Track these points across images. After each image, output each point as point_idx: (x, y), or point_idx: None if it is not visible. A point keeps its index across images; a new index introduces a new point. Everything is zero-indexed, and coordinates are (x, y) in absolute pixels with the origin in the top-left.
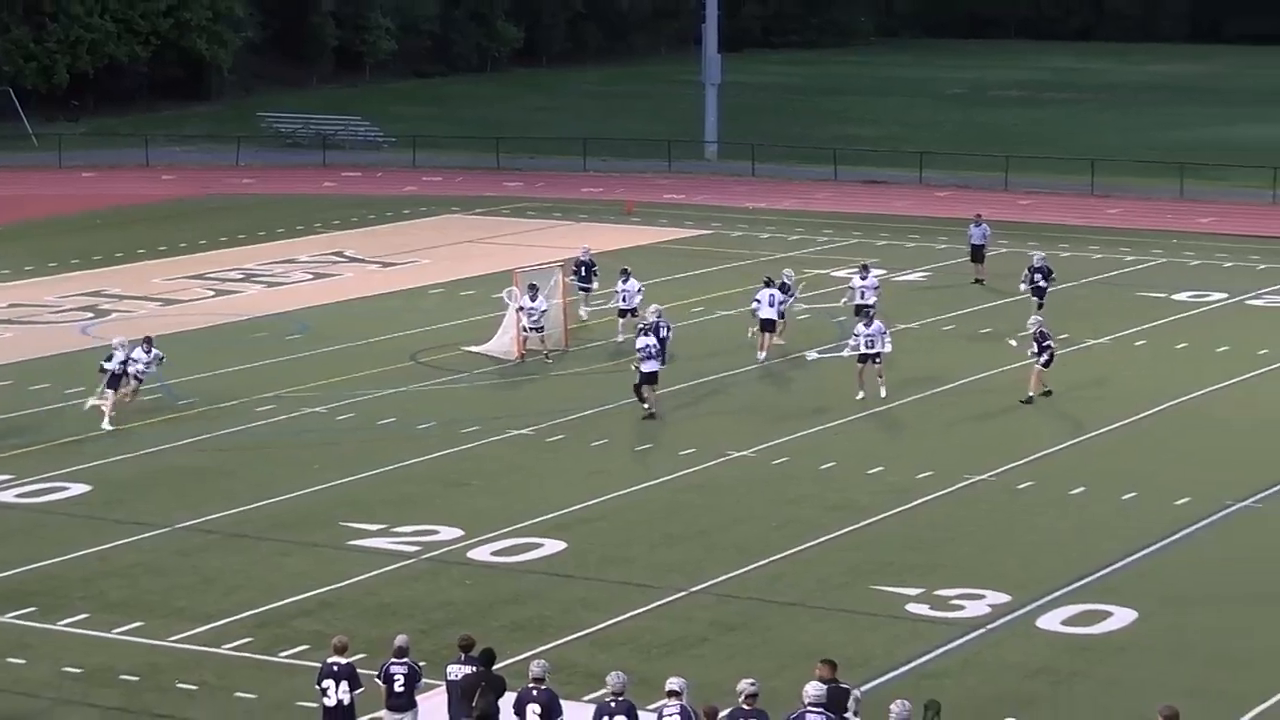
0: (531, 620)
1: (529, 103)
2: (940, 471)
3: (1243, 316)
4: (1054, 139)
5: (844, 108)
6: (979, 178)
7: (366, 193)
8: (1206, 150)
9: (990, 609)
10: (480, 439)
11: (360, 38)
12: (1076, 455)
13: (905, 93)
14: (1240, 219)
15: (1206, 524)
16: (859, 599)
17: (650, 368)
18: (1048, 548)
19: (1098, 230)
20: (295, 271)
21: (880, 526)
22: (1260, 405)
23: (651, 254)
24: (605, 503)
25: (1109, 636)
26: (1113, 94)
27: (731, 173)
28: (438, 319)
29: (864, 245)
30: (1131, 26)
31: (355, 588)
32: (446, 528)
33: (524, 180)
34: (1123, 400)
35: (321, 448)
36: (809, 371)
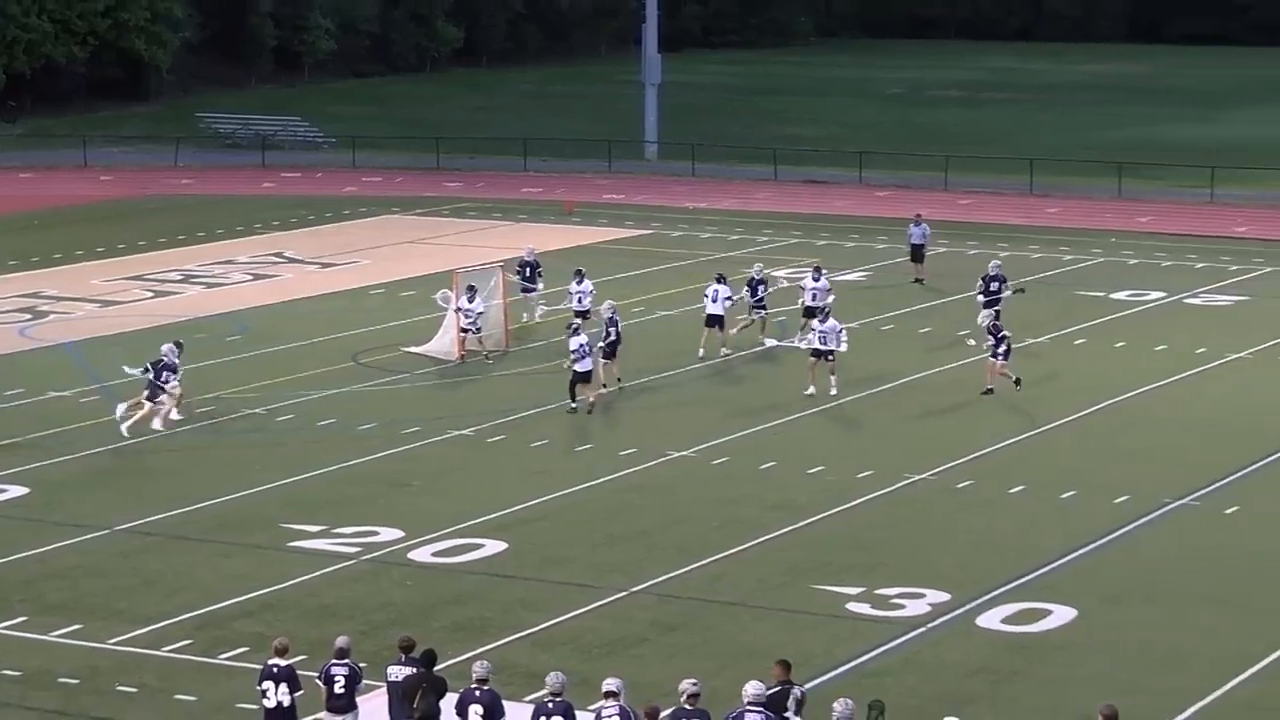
0: (472, 621)
1: (469, 103)
2: (880, 471)
3: (1181, 315)
4: (993, 139)
5: (784, 108)
6: (919, 177)
7: (306, 193)
8: (1145, 150)
9: (930, 608)
10: (421, 439)
11: (299, 38)
12: (1016, 454)
13: (845, 93)
14: (1178, 218)
15: (1145, 522)
16: (799, 598)
17: (584, 367)
18: (987, 546)
19: (1037, 230)
20: (235, 272)
21: (820, 526)
22: (1198, 404)
23: (592, 254)
24: (546, 503)
25: (1048, 635)
26: (1052, 94)
27: (671, 173)
28: (378, 320)
29: (804, 245)
30: (1070, 27)
31: (296, 589)
32: (387, 528)
33: (464, 180)
34: (1062, 399)
35: (262, 449)
36: (749, 371)
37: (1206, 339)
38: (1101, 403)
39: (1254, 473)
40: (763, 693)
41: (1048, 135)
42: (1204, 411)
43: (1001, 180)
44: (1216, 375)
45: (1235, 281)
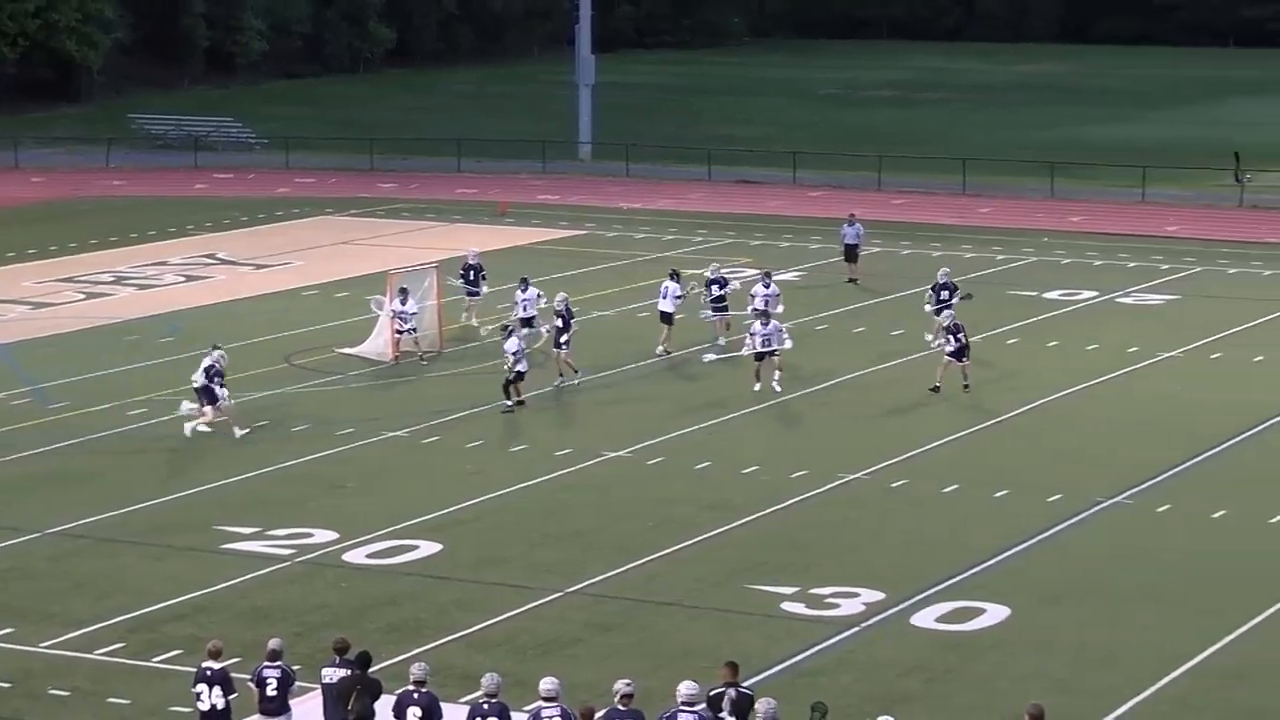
0: (407, 622)
1: (402, 103)
2: (815, 470)
3: (1113, 315)
4: (926, 139)
5: (717, 108)
6: (852, 178)
7: (239, 194)
8: (1076, 150)
9: (865, 607)
10: (355, 441)
11: (231, 39)
12: (949, 453)
13: (778, 93)
14: (1110, 218)
15: (1078, 521)
16: (734, 598)
17: (522, 368)
18: (921, 546)
19: (970, 229)
20: (167, 274)
21: (755, 526)
22: (1130, 402)
23: (526, 255)
24: (481, 504)
25: (982, 633)
26: (984, 94)
27: (606, 173)
28: (312, 321)
29: (738, 245)
30: (1002, 27)
31: (229, 591)
32: (321, 530)
33: (398, 181)
34: (995, 398)
35: (194, 451)
36: (685, 371)
37: (1138, 338)
38: (1034, 402)
39: (1185, 471)
40: (696, 693)
41: (980, 135)
42: (1136, 410)
43: (934, 180)
44: (1148, 374)
45: (1167, 281)
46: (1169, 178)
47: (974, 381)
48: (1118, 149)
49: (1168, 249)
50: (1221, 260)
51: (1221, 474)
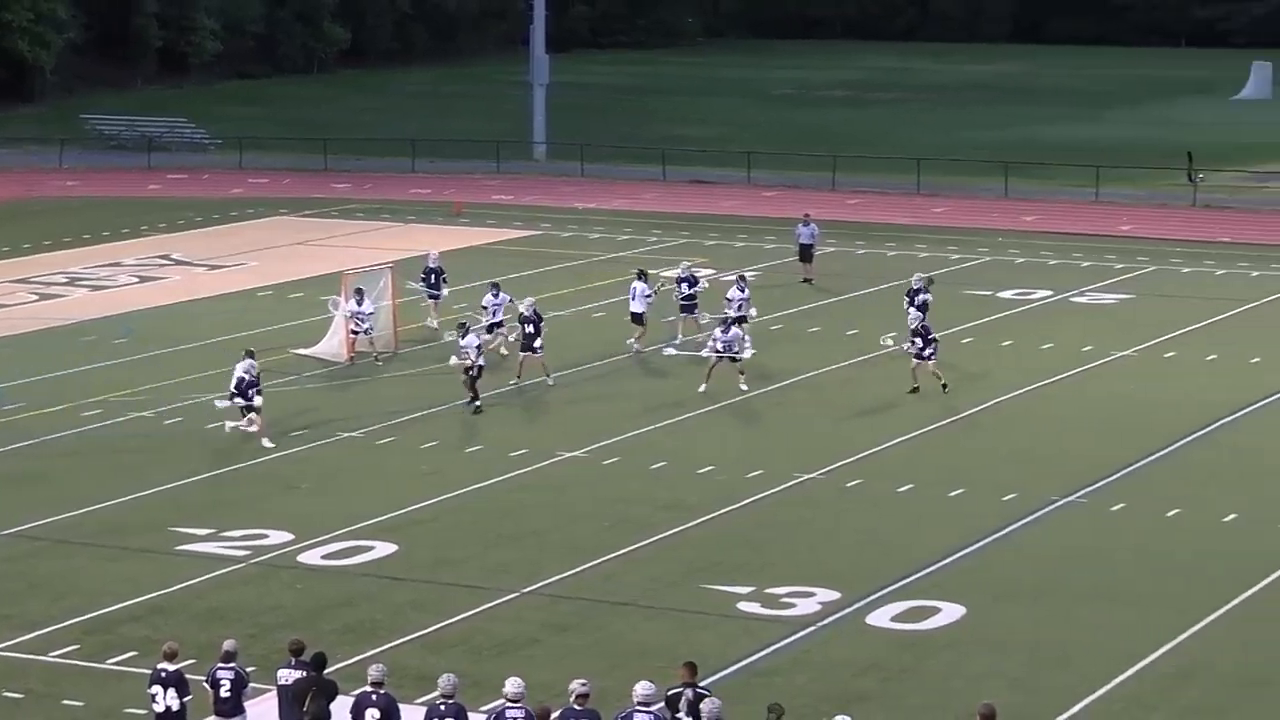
0: (362, 623)
1: (356, 104)
2: (770, 470)
3: (1067, 314)
4: (880, 139)
5: (671, 108)
6: (806, 177)
7: (193, 195)
8: (1030, 149)
9: (820, 606)
10: (310, 442)
11: (184, 38)
12: (904, 453)
13: (732, 93)
14: (1064, 217)
15: (1032, 520)
16: (690, 598)
17: (481, 363)
18: (877, 545)
19: (924, 229)
20: (121, 275)
21: (711, 526)
22: (1084, 402)
23: (481, 255)
24: (436, 504)
25: (937, 632)
26: (938, 94)
27: (560, 173)
28: (266, 321)
29: (693, 245)
30: (956, 27)
31: (185, 593)
32: (276, 531)
33: (352, 181)
34: (950, 397)
35: (149, 452)
36: (641, 372)
37: (1092, 337)
38: (989, 401)
39: (1139, 470)
40: (653, 693)
41: (935, 135)
42: (1090, 409)
43: (889, 180)
44: (1102, 374)
45: (1120, 280)
46: (1123, 177)
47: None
48: (1072, 149)
49: (1121, 248)
50: (1175, 260)
51: (1175, 473)
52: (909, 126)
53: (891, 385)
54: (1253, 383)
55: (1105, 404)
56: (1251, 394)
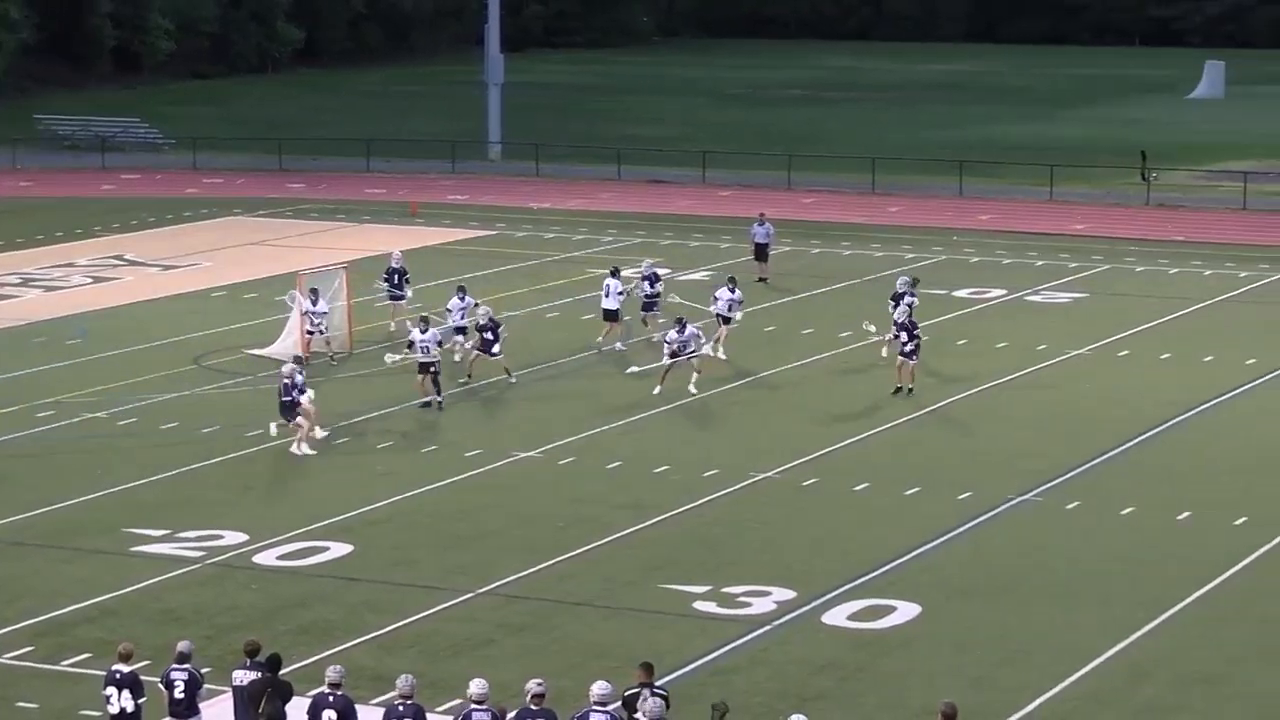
0: (317, 624)
1: (311, 103)
2: (726, 469)
3: (1022, 313)
4: (835, 138)
5: (627, 107)
6: (762, 177)
7: (147, 195)
8: (985, 149)
9: (776, 605)
10: (265, 442)
11: (138, 38)
12: (860, 452)
13: (687, 92)
14: (1019, 216)
15: (988, 518)
16: (646, 598)
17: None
18: (832, 544)
19: (880, 228)
20: (75, 275)
21: (667, 525)
22: (1039, 401)
23: (437, 255)
24: (391, 505)
25: (894, 631)
26: (893, 93)
27: (516, 173)
28: (221, 322)
29: (648, 245)
30: (910, 26)
31: (139, 594)
32: (231, 532)
33: (307, 181)
34: (905, 397)
35: (103, 453)
36: (597, 372)
37: (1047, 336)
38: (944, 400)
39: (1094, 468)
40: (609, 693)
41: (890, 134)
42: (1045, 408)
43: (844, 179)
44: (1057, 372)
45: (1075, 279)
46: (1077, 176)
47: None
48: (1026, 148)
49: (1076, 247)
50: (1129, 258)
51: (1129, 472)
52: (864, 126)
53: (847, 384)
54: (1206, 381)
55: (1060, 403)
56: (1205, 392)
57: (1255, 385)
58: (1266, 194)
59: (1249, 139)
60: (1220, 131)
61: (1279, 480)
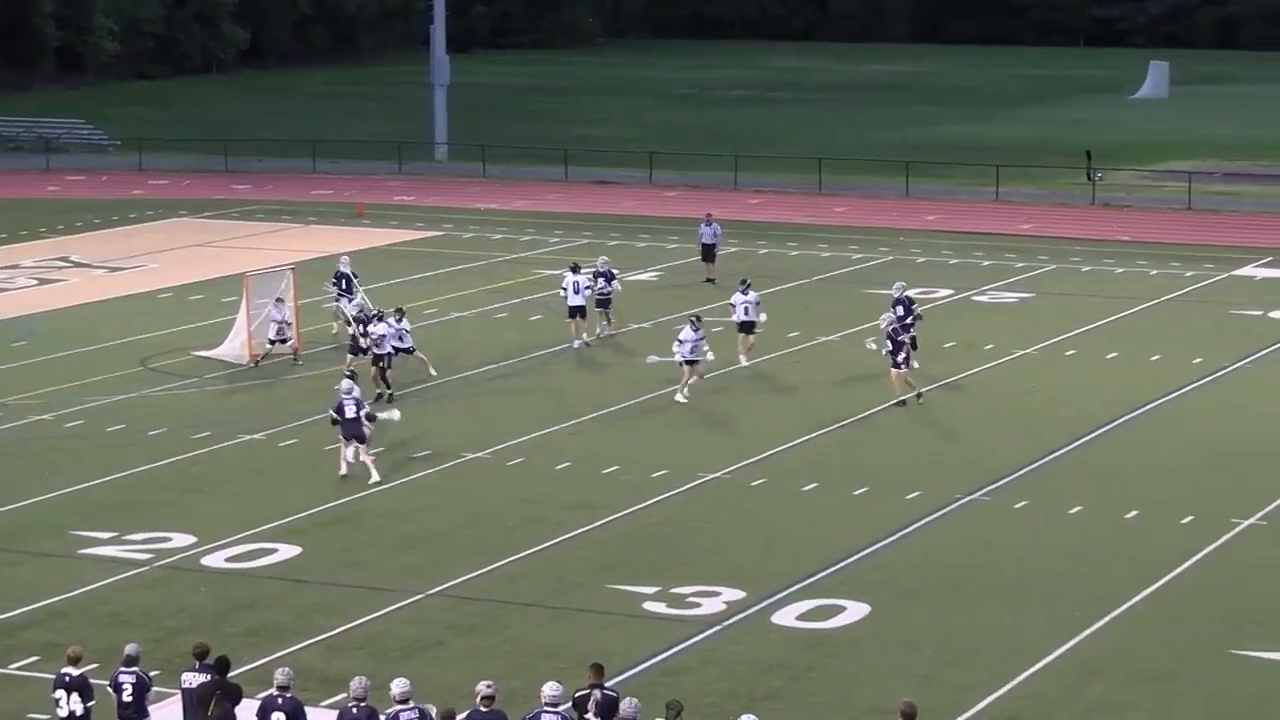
0: (267, 626)
1: (256, 104)
2: (675, 470)
3: (969, 313)
4: (781, 139)
5: (573, 108)
6: (708, 177)
7: (91, 196)
8: (931, 149)
9: (726, 606)
10: (212, 444)
11: (82, 39)
12: (808, 452)
13: (633, 93)
14: (965, 217)
15: (937, 517)
16: (596, 598)
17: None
18: (781, 544)
19: (826, 229)
20: (19, 277)
21: (616, 525)
22: (987, 400)
23: (383, 256)
24: (340, 506)
25: (843, 630)
26: (838, 93)
27: (462, 174)
28: (167, 324)
29: (595, 245)
30: (855, 27)
31: (87, 596)
32: (179, 534)
33: (252, 183)
34: (851, 397)
35: (50, 455)
36: (546, 372)
37: (994, 336)
38: (890, 400)
39: (1042, 467)
40: (560, 694)
41: (835, 134)
42: (993, 407)
43: (790, 180)
44: (1004, 372)
45: (1021, 279)
46: (1022, 176)
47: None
48: (971, 148)
49: (1021, 247)
50: (1074, 258)
51: (1078, 470)
52: (810, 126)
53: (793, 385)
54: (1153, 380)
55: (1007, 402)
56: (1151, 391)
57: (1202, 384)
58: (1211, 194)
59: (1193, 139)
60: (1164, 131)
61: (1225, 479)
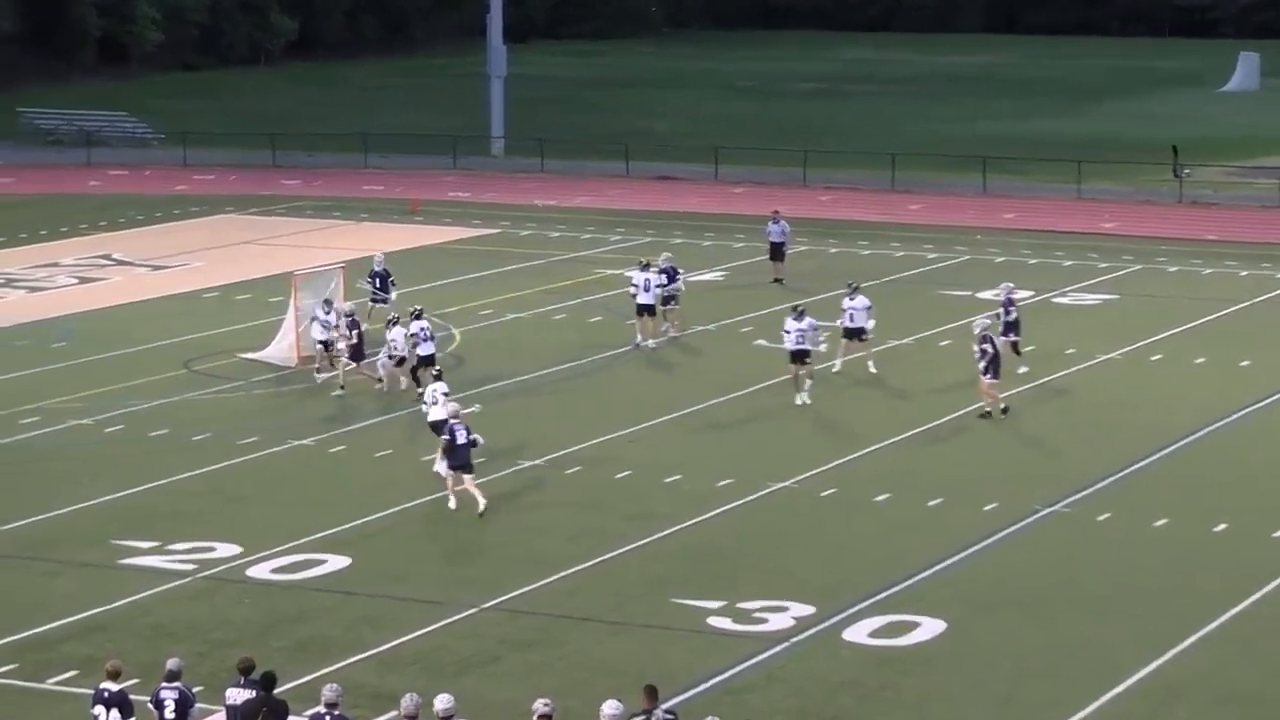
0: (315, 640)
1: (305, 97)
2: (741, 478)
3: (1049, 315)
4: (853, 133)
5: (635, 101)
6: (776, 173)
7: (134, 192)
8: (1009, 144)
9: (794, 621)
10: (259, 450)
11: (125, 29)
12: (881, 460)
13: (697, 85)
14: (1045, 214)
15: (1015, 530)
16: (658, 613)
17: (423, 352)
18: (853, 557)
19: (900, 227)
20: (59, 276)
21: (679, 537)
22: (1068, 407)
23: (437, 255)
24: (391, 515)
25: (918, 648)
26: (912, 86)
27: (519, 169)
28: (212, 324)
29: (658, 244)
30: (929, 17)
31: (128, 609)
32: (224, 544)
33: (301, 178)
34: (928, 403)
35: (90, 462)
36: (604, 375)
37: (1076, 340)
38: (968, 407)
39: (1126, 478)
40: (620, 713)
41: (910, 129)
42: (1074, 415)
43: (862, 176)
44: (1086, 377)
45: (1104, 280)
46: (1105, 173)
47: (905, 383)
48: (1053, 143)
49: (1105, 246)
50: (1160, 258)
51: (1164, 480)
52: (883, 120)
53: (866, 390)
54: (1242, 386)
55: (1090, 409)
56: (1241, 398)
57: None
58: None
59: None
60: (1255, 126)
61: None
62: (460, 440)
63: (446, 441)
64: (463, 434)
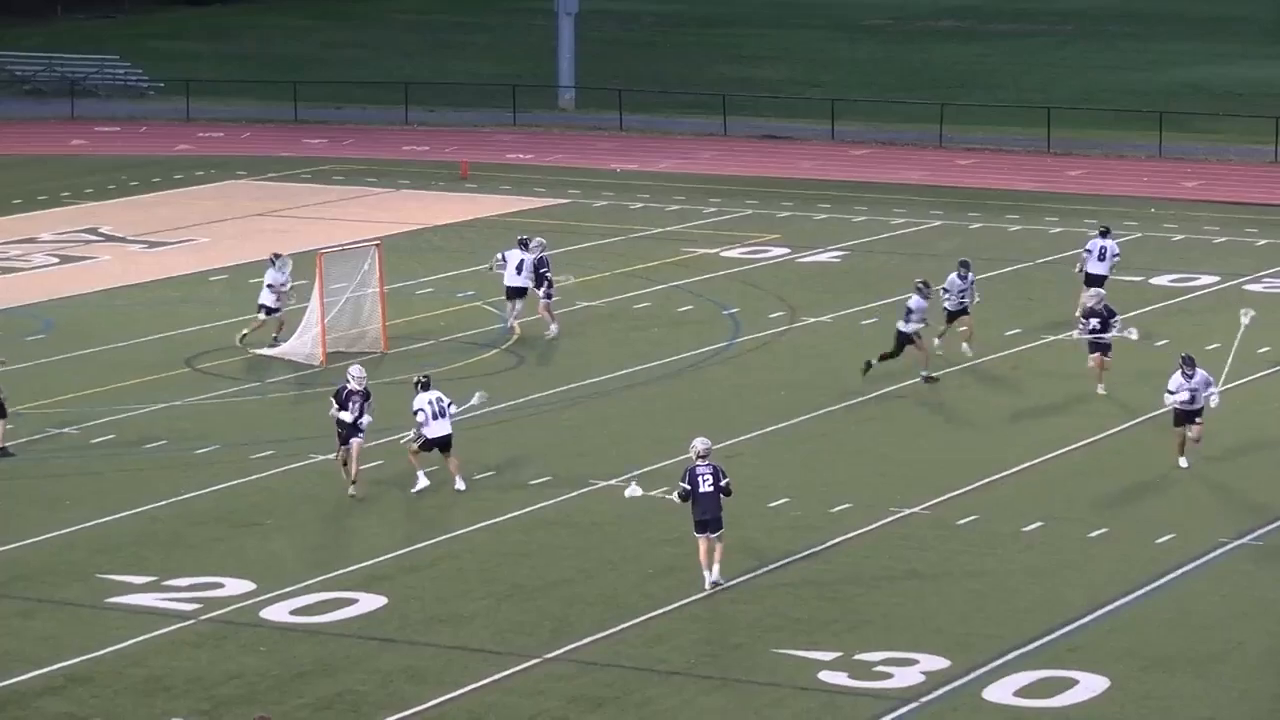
0: (343, 697)
1: (334, 38)
2: (861, 503)
3: (1238, 305)
4: (1000, 82)
5: (735, 43)
6: (906, 131)
7: (127, 153)
8: (1193, 96)
9: (924, 677)
10: (275, 466)
11: None
12: (1031, 480)
13: (811, 24)
14: (1235, 183)
15: (1195, 567)
16: (759, 665)
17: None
18: (996, 599)
19: (1056, 197)
20: (37, 254)
21: (785, 574)
22: (1259, 418)
23: (493, 229)
24: (435, 546)
25: (1074, 709)
26: (1072, 23)
27: (593, 126)
28: (221, 314)
29: (761, 217)
30: None
31: (117, 657)
32: (233, 579)
33: (329, 136)
34: (1090, 413)
35: (74, 479)
36: (694, 377)
37: (1271, 336)
38: (1138, 416)
39: None
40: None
41: (1069, 77)
42: (1267, 428)
43: (1011, 135)
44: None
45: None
46: None
47: (1054, 392)
48: (1246, 94)
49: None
50: None
51: None
52: (1036, 68)
53: (1014, 396)
54: None
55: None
56: None
57: None
58: None
59: None
60: None
61: None
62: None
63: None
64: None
